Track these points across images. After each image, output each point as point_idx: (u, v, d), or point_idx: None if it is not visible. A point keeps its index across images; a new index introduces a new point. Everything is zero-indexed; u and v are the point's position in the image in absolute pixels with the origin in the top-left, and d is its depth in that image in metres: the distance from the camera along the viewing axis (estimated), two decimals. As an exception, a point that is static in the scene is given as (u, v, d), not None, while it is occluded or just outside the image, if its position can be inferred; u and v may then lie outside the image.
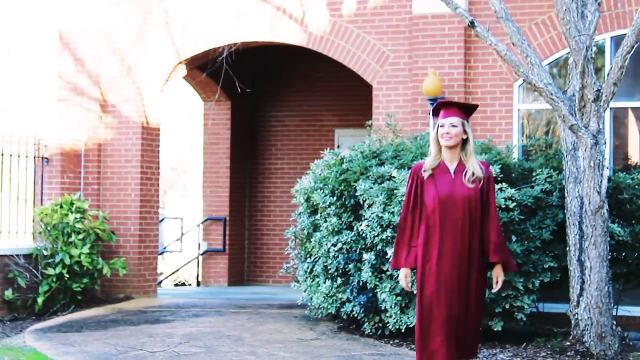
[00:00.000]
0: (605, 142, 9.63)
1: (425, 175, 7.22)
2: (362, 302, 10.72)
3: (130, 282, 14.48)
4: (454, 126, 7.19)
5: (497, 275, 7.29)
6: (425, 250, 7.18)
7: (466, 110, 7.41)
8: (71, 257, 13.17)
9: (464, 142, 7.23)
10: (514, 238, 10.33)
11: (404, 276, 7.30)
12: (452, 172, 7.22)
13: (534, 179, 10.62)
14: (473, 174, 7.18)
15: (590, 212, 9.50)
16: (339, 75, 17.02)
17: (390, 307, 10.38)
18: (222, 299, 14.63)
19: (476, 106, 7.56)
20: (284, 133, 18.08)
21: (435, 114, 7.45)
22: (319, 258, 11.25)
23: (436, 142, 7.26)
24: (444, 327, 7.09)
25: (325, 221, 11.11)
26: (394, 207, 10.25)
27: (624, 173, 10.85)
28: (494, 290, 7.28)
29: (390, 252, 10.16)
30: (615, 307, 10.54)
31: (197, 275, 18.35)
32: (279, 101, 18.16)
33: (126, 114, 14.66)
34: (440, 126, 7.25)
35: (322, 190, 11.11)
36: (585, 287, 9.66)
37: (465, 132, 7.23)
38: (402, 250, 7.29)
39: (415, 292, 7.33)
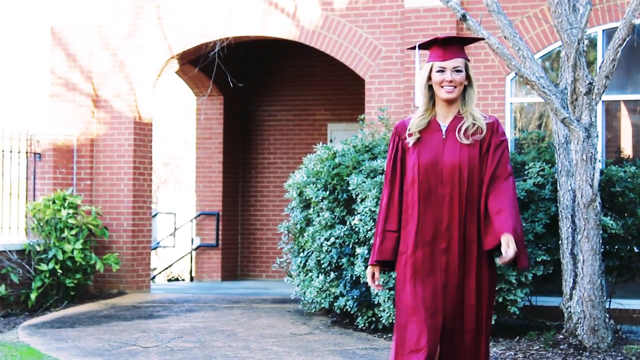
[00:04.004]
0: (597, 135, 9.64)
1: (411, 141, 5.43)
2: (355, 297, 10.72)
3: (124, 277, 14.47)
4: (458, 71, 5.42)
5: (507, 240, 5.23)
6: (403, 237, 5.46)
7: (467, 44, 5.67)
8: (64, 252, 13.15)
9: (465, 89, 5.48)
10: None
11: (371, 273, 5.52)
12: (443, 130, 5.44)
13: (526, 172, 10.63)
14: (474, 124, 5.41)
15: (583, 205, 9.51)
16: (332, 69, 17.01)
17: (384, 301, 10.39)
18: (216, 294, 14.63)
19: (481, 39, 6.12)
20: (276, 128, 18.06)
21: (425, 48, 5.60)
22: (312, 252, 11.25)
23: (427, 92, 5.47)
24: (424, 342, 5.29)
25: (318, 215, 11.11)
26: (386, 201, 10.24)
27: (617, 166, 10.85)
28: (500, 261, 5.30)
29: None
30: (608, 300, 10.56)
31: (191, 271, 18.34)
32: (272, 96, 18.15)
33: (118, 109, 14.65)
34: (439, 71, 5.42)
35: (314, 185, 11.11)
36: (578, 280, 9.67)
37: (468, 76, 5.47)
38: (375, 240, 5.54)
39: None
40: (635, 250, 10.61)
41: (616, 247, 10.53)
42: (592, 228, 9.53)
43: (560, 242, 10.01)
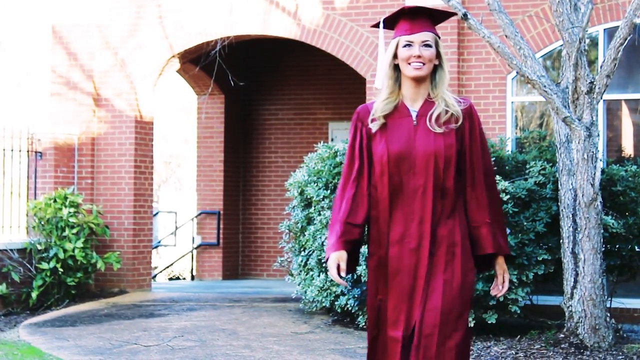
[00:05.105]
0: (598, 135, 9.64)
1: (374, 127, 4.82)
2: (356, 295, 10.72)
3: (125, 276, 14.47)
4: (427, 46, 4.80)
5: (503, 271, 4.90)
6: (373, 236, 4.86)
7: (438, 20, 4.97)
8: (65, 251, 13.16)
9: (435, 69, 4.85)
10: (507, 231, 10.34)
11: (335, 262, 4.77)
12: (414, 115, 4.83)
13: (527, 171, 10.62)
14: (447, 111, 4.80)
15: (584, 204, 9.51)
16: (333, 68, 17.01)
17: (385, 300, 10.37)
18: (217, 292, 14.63)
19: (454, 13, 5.11)
20: (277, 127, 18.06)
21: (389, 26, 4.97)
22: (313, 251, 11.25)
23: (393, 72, 4.85)
24: (399, 355, 4.75)
25: (319, 214, 11.11)
26: (387, 200, 10.24)
27: (618, 165, 10.86)
28: (497, 294, 4.90)
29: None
30: (609, 299, 10.56)
31: (192, 269, 18.34)
32: (273, 95, 18.15)
33: (119, 108, 14.65)
34: (406, 46, 4.80)
35: (315, 184, 11.11)
36: (579, 280, 9.67)
37: (439, 54, 4.86)
38: (333, 231, 4.84)
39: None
40: (637, 249, 10.61)
41: (617, 246, 10.53)
42: (593, 227, 9.53)
43: (561, 241, 10.00)
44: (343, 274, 4.78)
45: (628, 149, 12.59)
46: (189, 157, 31.69)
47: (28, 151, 14.32)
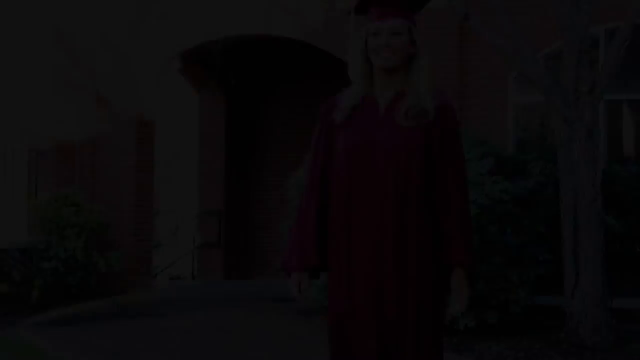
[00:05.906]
0: (599, 135, 9.65)
1: (339, 117, 4.44)
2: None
3: (125, 275, 14.47)
4: (396, 34, 4.44)
5: (458, 285, 4.32)
6: (330, 239, 4.43)
7: (413, 6, 4.64)
8: (66, 250, 13.16)
9: (411, 59, 4.49)
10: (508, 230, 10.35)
11: (297, 284, 4.53)
12: (382, 107, 4.42)
13: (528, 171, 10.62)
14: (418, 104, 4.35)
15: (585, 204, 9.51)
16: (334, 68, 17.00)
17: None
18: (217, 292, 14.63)
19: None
20: (278, 126, 18.07)
21: (362, 12, 4.60)
22: (314, 251, 11.22)
23: (364, 62, 4.46)
24: None
25: (320, 214, 11.08)
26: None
27: (619, 165, 10.86)
28: (452, 313, 4.35)
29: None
30: (610, 299, 10.57)
31: (192, 269, 18.35)
32: (274, 94, 18.15)
33: (121, 107, 14.65)
34: (373, 34, 4.43)
35: (316, 184, 11.09)
36: (580, 280, 9.67)
37: (413, 42, 4.52)
38: (297, 242, 4.52)
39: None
40: (637, 249, 10.62)
41: (618, 246, 10.53)
42: (594, 227, 9.53)
43: (562, 241, 10.01)
44: (303, 293, 4.51)
45: (629, 149, 12.60)
46: (190, 156, 31.72)
47: (29, 151, 14.33)
